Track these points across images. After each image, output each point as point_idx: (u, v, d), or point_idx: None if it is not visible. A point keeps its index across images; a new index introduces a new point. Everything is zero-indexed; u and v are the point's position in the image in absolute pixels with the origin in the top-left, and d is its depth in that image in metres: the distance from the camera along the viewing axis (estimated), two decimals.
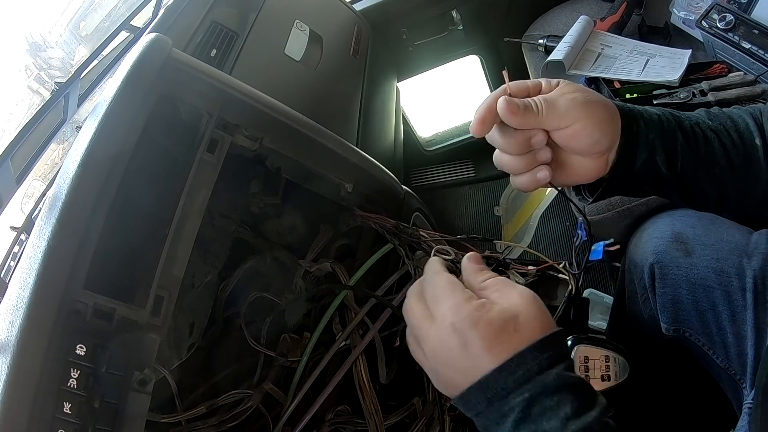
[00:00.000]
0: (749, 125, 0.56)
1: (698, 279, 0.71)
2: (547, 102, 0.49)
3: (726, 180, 0.55)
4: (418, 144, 1.76)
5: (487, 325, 0.41)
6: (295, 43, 1.03)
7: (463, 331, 0.41)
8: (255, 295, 0.72)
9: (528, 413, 0.39)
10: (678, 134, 0.54)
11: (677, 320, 0.74)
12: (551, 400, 0.39)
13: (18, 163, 0.69)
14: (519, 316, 0.42)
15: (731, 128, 0.56)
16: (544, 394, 0.39)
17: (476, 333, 0.41)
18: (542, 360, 0.40)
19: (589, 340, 0.69)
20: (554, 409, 0.38)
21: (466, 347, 0.41)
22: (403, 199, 0.80)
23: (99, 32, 5.53)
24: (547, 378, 0.39)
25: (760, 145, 0.55)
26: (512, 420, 0.39)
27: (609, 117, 0.51)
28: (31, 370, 0.42)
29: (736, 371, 0.69)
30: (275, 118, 0.64)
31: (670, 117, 0.55)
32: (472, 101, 1.75)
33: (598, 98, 0.51)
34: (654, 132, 0.53)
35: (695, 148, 0.54)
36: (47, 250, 0.45)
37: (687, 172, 0.55)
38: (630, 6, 1.20)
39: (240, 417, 0.64)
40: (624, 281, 0.87)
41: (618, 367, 0.69)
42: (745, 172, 0.55)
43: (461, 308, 0.42)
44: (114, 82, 0.54)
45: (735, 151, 0.55)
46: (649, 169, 0.54)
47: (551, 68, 1.16)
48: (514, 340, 0.41)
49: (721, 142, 0.55)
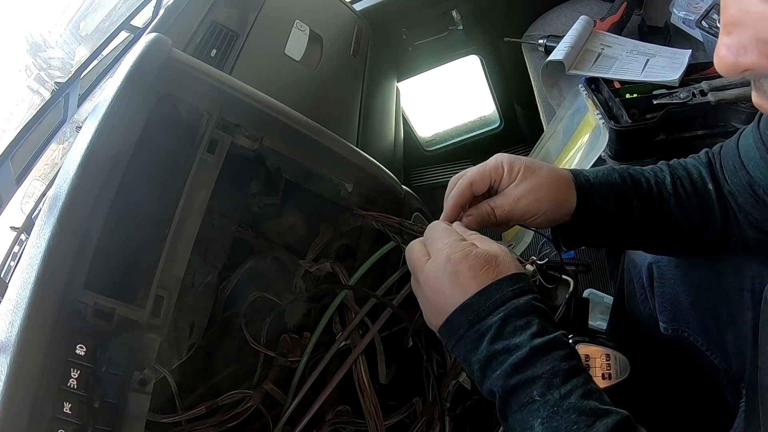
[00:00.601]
0: (702, 173, 0.63)
1: (696, 279, 0.71)
2: (499, 210, 0.59)
3: (683, 229, 0.63)
4: (418, 144, 1.76)
5: (475, 257, 0.49)
6: (295, 43, 1.03)
7: (456, 261, 0.49)
8: (255, 295, 0.72)
9: (502, 332, 0.47)
10: (634, 199, 0.61)
11: (676, 320, 0.74)
12: (521, 321, 0.47)
13: (18, 163, 0.69)
14: (498, 256, 0.50)
15: (685, 178, 0.63)
16: (516, 315, 0.47)
17: (466, 263, 0.49)
18: (516, 288, 0.48)
19: (591, 339, 0.69)
20: (523, 328, 0.46)
21: (457, 275, 0.49)
22: (403, 199, 0.80)
23: (99, 32, 5.53)
24: (518, 302, 0.47)
25: (712, 189, 0.62)
26: (488, 338, 0.47)
27: (561, 201, 0.60)
28: (31, 370, 0.42)
29: (735, 371, 0.69)
30: (275, 118, 0.64)
31: (629, 182, 0.62)
32: (472, 101, 1.75)
33: (549, 184, 0.59)
34: (609, 203, 0.61)
35: (650, 208, 0.62)
36: (47, 250, 0.45)
37: (643, 228, 0.62)
38: (630, 6, 1.20)
39: (240, 417, 0.64)
40: (623, 281, 0.87)
41: (619, 365, 0.69)
42: (701, 222, 0.62)
43: (456, 244, 0.51)
44: (114, 82, 0.54)
45: (689, 203, 0.62)
46: (605, 231, 0.62)
47: (551, 68, 1.16)
48: (494, 273, 0.49)
49: (677, 196, 0.62)
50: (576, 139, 1.08)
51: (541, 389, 0.44)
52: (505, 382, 0.45)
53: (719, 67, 0.35)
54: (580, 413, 0.42)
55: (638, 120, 0.96)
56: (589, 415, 0.42)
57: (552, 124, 1.17)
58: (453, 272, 0.49)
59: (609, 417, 0.42)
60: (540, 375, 0.44)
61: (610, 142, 0.96)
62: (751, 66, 0.33)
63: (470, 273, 0.49)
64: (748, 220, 0.61)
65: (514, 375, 0.45)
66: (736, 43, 0.33)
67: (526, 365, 0.45)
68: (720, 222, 0.63)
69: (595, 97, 1.03)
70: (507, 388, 0.45)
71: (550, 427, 0.42)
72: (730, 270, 0.69)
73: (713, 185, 0.62)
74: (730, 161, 0.61)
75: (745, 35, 0.33)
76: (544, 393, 0.43)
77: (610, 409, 0.43)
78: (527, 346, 0.45)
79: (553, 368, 0.44)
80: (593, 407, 0.43)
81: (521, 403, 0.44)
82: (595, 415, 0.42)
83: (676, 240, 0.64)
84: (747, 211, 0.61)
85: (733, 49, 0.33)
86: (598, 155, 1.00)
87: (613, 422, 0.42)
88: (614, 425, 0.41)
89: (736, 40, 0.33)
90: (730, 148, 0.62)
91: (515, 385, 0.45)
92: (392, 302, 0.70)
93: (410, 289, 0.70)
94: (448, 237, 0.52)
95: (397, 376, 0.74)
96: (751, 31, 0.32)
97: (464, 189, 0.59)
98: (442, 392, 0.71)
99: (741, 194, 0.61)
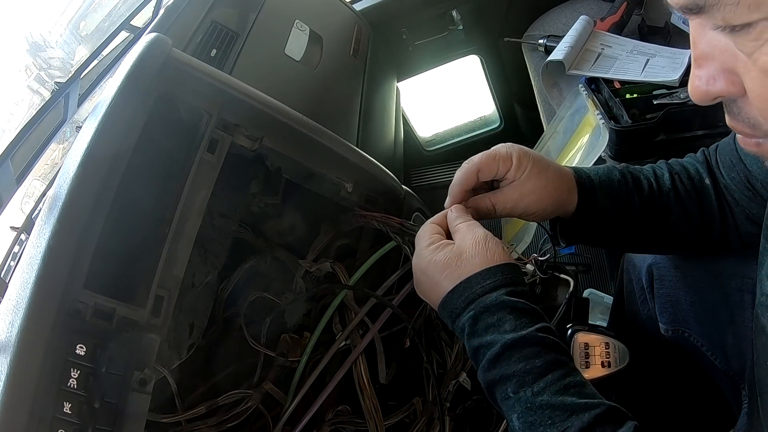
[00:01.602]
0: (698, 169, 0.64)
1: (696, 280, 0.71)
2: (500, 206, 0.59)
3: (683, 225, 0.63)
4: (418, 144, 1.76)
5: (433, 264, 0.53)
6: (295, 43, 1.03)
7: (421, 269, 0.54)
8: (255, 295, 0.72)
9: (474, 329, 0.48)
10: (634, 195, 0.62)
11: (676, 321, 0.74)
12: (492, 318, 0.48)
13: (18, 163, 0.69)
14: (462, 253, 0.52)
15: (683, 174, 0.64)
16: (486, 312, 0.48)
17: (430, 269, 0.53)
18: (485, 285, 0.49)
19: (590, 327, 0.69)
20: (495, 325, 0.48)
21: (430, 278, 0.53)
22: (403, 199, 0.80)
23: (99, 32, 5.53)
24: (487, 299, 0.49)
25: (709, 184, 0.63)
26: (465, 334, 0.49)
27: (563, 201, 0.60)
28: (31, 370, 0.42)
29: (735, 372, 0.69)
30: (275, 118, 0.64)
31: (629, 179, 0.63)
32: (472, 101, 1.75)
33: (554, 184, 0.59)
34: (610, 200, 0.61)
35: (650, 204, 0.62)
36: (47, 250, 0.45)
37: (644, 225, 0.63)
38: (630, 6, 1.20)
39: (240, 417, 0.64)
40: (623, 282, 0.87)
41: (618, 353, 0.69)
42: (700, 217, 0.63)
43: (420, 254, 0.55)
44: (114, 82, 0.54)
45: (688, 197, 0.63)
46: (605, 228, 0.63)
47: (551, 68, 1.16)
48: (458, 272, 0.51)
49: (676, 191, 0.63)
50: (576, 139, 1.08)
51: (514, 386, 0.45)
52: (485, 376, 0.48)
53: (693, 97, 0.38)
54: (553, 409, 0.43)
55: (638, 120, 0.96)
56: (564, 410, 0.43)
57: (552, 124, 1.17)
58: (426, 276, 0.54)
59: (586, 412, 0.43)
60: (512, 373, 0.46)
61: (610, 142, 0.96)
62: (721, 93, 0.37)
63: (436, 277, 0.52)
64: (745, 214, 0.62)
65: (490, 370, 0.47)
66: (707, 75, 0.36)
67: (499, 362, 0.46)
68: (718, 217, 0.63)
69: (595, 97, 1.03)
70: (487, 381, 0.48)
71: (526, 422, 0.44)
72: (730, 271, 0.69)
73: (710, 180, 0.63)
74: (727, 156, 0.62)
75: (713, 67, 0.36)
76: (517, 390, 0.45)
77: (588, 402, 0.44)
78: (498, 343, 0.47)
79: (525, 366, 0.45)
80: (569, 403, 0.43)
81: (501, 397, 0.47)
82: (571, 410, 0.43)
83: (676, 237, 0.64)
84: (743, 205, 0.62)
85: (704, 79, 0.37)
86: (598, 155, 1.00)
87: (590, 417, 0.42)
88: (591, 419, 0.42)
89: (706, 71, 0.36)
90: (727, 144, 0.63)
91: (493, 380, 0.47)
92: (392, 302, 0.70)
93: (410, 289, 0.70)
94: (418, 245, 0.56)
95: (397, 376, 0.74)
96: (718, 62, 0.36)
97: (471, 175, 0.59)
98: (442, 392, 0.71)
99: (738, 188, 0.61)
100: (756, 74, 0.34)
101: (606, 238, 0.65)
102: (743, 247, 0.65)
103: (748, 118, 0.37)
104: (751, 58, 0.33)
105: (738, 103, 0.37)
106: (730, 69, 0.35)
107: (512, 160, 0.58)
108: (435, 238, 0.56)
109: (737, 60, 0.34)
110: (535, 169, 0.58)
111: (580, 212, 0.61)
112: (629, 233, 0.64)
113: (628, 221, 0.62)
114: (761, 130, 0.37)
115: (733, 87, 0.36)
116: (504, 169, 0.59)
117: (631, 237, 0.65)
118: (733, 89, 0.36)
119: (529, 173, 0.58)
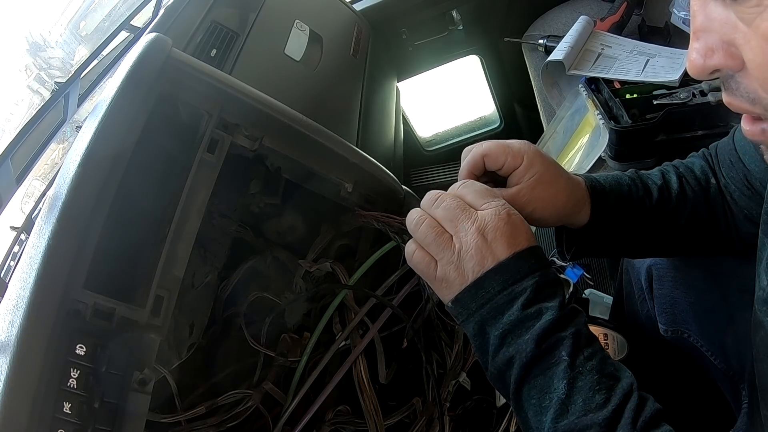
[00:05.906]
0: (703, 167, 0.65)
1: (695, 281, 0.71)
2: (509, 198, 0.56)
3: (693, 226, 0.64)
4: (418, 144, 1.76)
5: (508, 224, 0.49)
6: (295, 43, 1.03)
7: (503, 219, 0.49)
8: (255, 295, 0.72)
9: (536, 296, 0.47)
10: (646, 201, 0.62)
11: (675, 321, 0.74)
12: (551, 289, 0.48)
13: (18, 163, 0.69)
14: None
15: (689, 174, 0.65)
16: (547, 283, 0.48)
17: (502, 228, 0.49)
18: (544, 259, 0.49)
19: (589, 319, 0.69)
20: (553, 295, 0.48)
21: (505, 232, 0.48)
22: (403, 199, 0.80)
23: (99, 32, 5.53)
24: (549, 270, 0.49)
25: (714, 183, 0.64)
26: (522, 300, 0.47)
27: (573, 212, 0.60)
28: (31, 370, 0.42)
29: (735, 372, 0.69)
30: (275, 118, 0.64)
31: (639, 184, 0.63)
32: (472, 101, 1.75)
33: (564, 195, 0.58)
34: (623, 210, 0.61)
35: (661, 207, 0.62)
36: (47, 250, 0.45)
37: (656, 229, 0.63)
38: (630, 6, 1.20)
39: (240, 417, 0.64)
40: (622, 282, 0.87)
41: (617, 344, 0.69)
42: (709, 216, 0.64)
43: (506, 206, 0.50)
44: (114, 82, 0.54)
45: (696, 198, 0.63)
46: (618, 238, 0.63)
47: (551, 68, 1.16)
48: (525, 239, 0.49)
49: (684, 193, 0.63)
50: (576, 139, 1.08)
51: (569, 349, 0.45)
52: (536, 345, 0.45)
53: (691, 70, 0.38)
54: (601, 375, 0.44)
55: (638, 120, 0.96)
56: (609, 377, 0.45)
57: (552, 124, 1.17)
58: (499, 229, 0.48)
59: (623, 380, 0.45)
60: (568, 335, 0.46)
61: (610, 143, 0.96)
62: (719, 65, 0.37)
63: (504, 240, 0.48)
64: (744, 214, 0.63)
65: (546, 337, 0.45)
66: (704, 47, 0.36)
67: (557, 327, 0.46)
68: (722, 217, 0.64)
69: (595, 97, 1.03)
70: (535, 352, 0.45)
71: (575, 387, 0.44)
72: (729, 272, 0.69)
73: (714, 179, 0.64)
74: (726, 156, 0.62)
75: (712, 39, 0.36)
76: (572, 353, 0.45)
77: (621, 375, 0.46)
78: (557, 310, 0.46)
79: (579, 330, 0.46)
80: (611, 371, 0.45)
81: (547, 366, 0.45)
82: (614, 378, 0.45)
83: (684, 239, 0.65)
84: (742, 205, 0.62)
85: (702, 51, 0.37)
86: (598, 155, 1.00)
87: (627, 385, 0.44)
88: (628, 387, 0.44)
89: (704, 43, 0.36)
90: (726, 143, 0.63)
91: (546, 347, 0.45)
92: (392, 302, 0.70)
93: (410, 289, 0.70)
94: (495, 199, 0.51)
95: (397, 376, 0.74)
96: (717, 34, 0.36)
97: (477, 159, 0.57)
98: (441, 392, 0.71)
99: (737, 187, 0.62)
100: (756, 43, 0.33)
101: (616, 247, 0.64)
102: (744, 247, 0.66)
103: (747, 92, 0.37)
104: (752, 26, 0.33)
105: (736, 77, 0.37)
106: (728, 41, 0.35)
107: (522, 159, 0.56)
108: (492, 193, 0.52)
109: (736, 31, 0.35)
110: (545, 176, 0.56)
111: (593, 222, 0.60)
112: (640, 239, 0.64)
113: (639, 227, 0.62)
114: (761, 104, 0.37)
115: (731, 60, 0.36)
116: (511, 165, 0.56)
117: (641, 243, 0.65)
118: (731, 62, 0.36)
119: (538, 179, 0.56)
